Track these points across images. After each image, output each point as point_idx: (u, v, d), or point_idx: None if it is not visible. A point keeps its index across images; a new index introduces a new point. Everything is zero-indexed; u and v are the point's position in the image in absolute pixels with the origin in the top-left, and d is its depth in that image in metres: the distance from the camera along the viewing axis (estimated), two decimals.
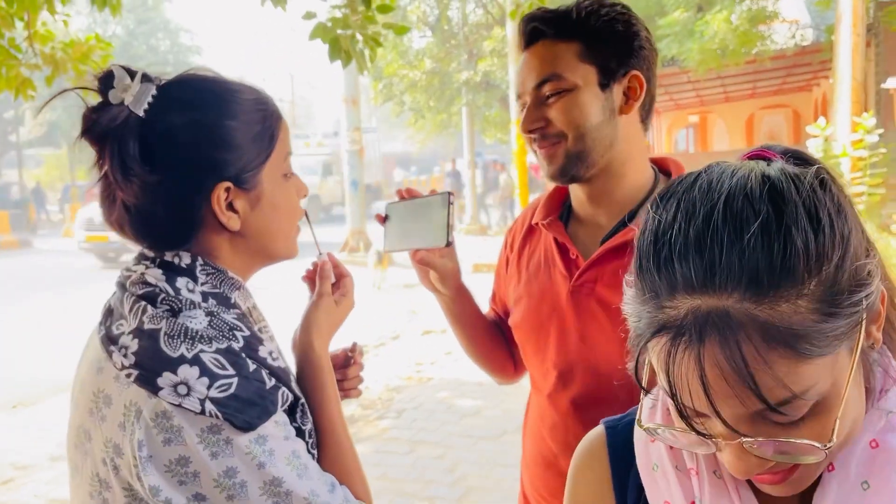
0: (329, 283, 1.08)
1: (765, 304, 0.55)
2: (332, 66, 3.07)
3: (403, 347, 6.94)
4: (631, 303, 0.63)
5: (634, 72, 1.21)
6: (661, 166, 1.30)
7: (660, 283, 0.59)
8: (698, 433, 0.60)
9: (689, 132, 28.72)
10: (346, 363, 1.22)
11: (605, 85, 1.19)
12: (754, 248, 0.56)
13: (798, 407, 0.57)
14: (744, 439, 0.58)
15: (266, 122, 0.96)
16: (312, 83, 49.98)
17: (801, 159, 0.67)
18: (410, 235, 1.24)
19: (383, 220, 1.30)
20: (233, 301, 0.95)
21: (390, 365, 6.33)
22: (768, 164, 0.62)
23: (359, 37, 3.09)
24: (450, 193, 1.19)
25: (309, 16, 3.08)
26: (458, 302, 1.38)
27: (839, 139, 9.08)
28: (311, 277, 1.10)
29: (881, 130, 8.61)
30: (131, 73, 0.90)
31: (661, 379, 0.61)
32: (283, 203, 0.99)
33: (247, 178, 0.94)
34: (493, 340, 1.46)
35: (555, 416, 1.27)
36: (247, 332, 0.91)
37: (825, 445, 0.57)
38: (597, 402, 1.17)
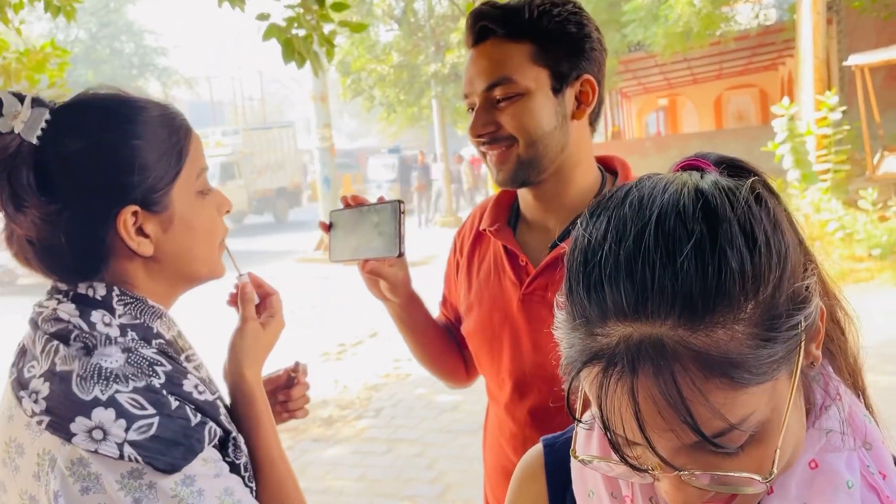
0: (251, 305, 1.02)
1: (700, 330, 0.53)
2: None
3: (381, 345, 6.92)
4: (562, 327, 0.60)
5: (586, 76, 1.17)
6: (608, 165, 1.28)
7: (590, 309, 0.56)
8: (633, 467, 0.58)
9: (658, 115, 28.93)
10: (289, 384, 1.17)
11: (557, 90, 1.16)
12: (687, 271, 0.53)
13: (736, 438, 0.55)
14: (680, 472, 0.56)
15: (173, 139, 0.91)
16: (282, 80, 49.50)
17: (736, 168, 0.64)
18: (359, 245, 1.19)
19: (328, 228, 1.25)
20: (155, 331, 0.90)
21: (368, 363, 6.31)
22: (702, 177, 0.59)
23: (314, 37, 3.05)
24: (399, 202, 1.15)
25: (262, 17, 3.03)
26: (408, 310, 1.36)
27: (804, 118, 9.18)
28: (235, 301, 1.05)
29: (844, 108, 8.73)
30: (21, 99, 0.85)
31: (594, 409, 0.58)
32: (199, 223, 0.93)
33: (155, 200, 0.89)
34: (444, 345, 1.44)
35: (512, 426, 1.26)
36: (168, 367, 0.86)
37: (765, 478, 0.55)
38: (554, 412, 1.14)
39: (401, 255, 1.15)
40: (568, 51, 1.15)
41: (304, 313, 8.63)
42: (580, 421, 0.65)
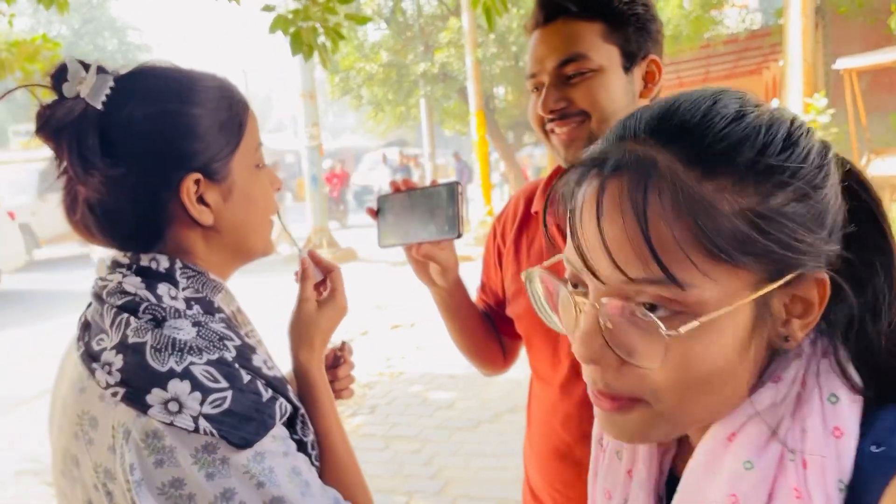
0: (310, 284, 1.02)
1: (694, 172, 0.53)
2: (287, 61, 3.00)
3: (372, 343, 6.90)
4: None
5: (653, 56, 1.21)
6: None
7: (610, 133, 0.60)
8: (573, 286, 0.60)
9: None
10: (335, 363, 1.17)
11: (627, 68, 1.18)
12: (712, 120, 0.55)
13: (668, 291, 0.53)
14: (603, 296, 0.56)
15: (233, 111, 0.92)
16: (267, 79, 49.24)
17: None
18: (412, 229, 1.19)
19: (375, 213, 1.25)
20: (216, 305, 0.90)
21: (360, 361, 6.27)
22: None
23: (320, 29, 3.03)
24: (457, 183, 1.15)
25: (268, 8, 3.00)
26: (455, 295, 1.36)
27: None
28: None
29: (832, 111, 8.83)
30: (86, 66, 0.85)
31: (563, 208, 0.61)
32: (258, 194, 0.94)
33: (217, 169, 0.89)
34: (485, 332, 1.45)
35: (569, 406, 1.25)
36: (238, 342, 0.86)
37: (669, 334, 0.53)
38: None
39: (459, 235, 1.15)
40: (636, 31, 1.18)
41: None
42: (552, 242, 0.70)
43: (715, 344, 0.55)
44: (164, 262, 0.89)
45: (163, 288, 0.86)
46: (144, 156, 0.86)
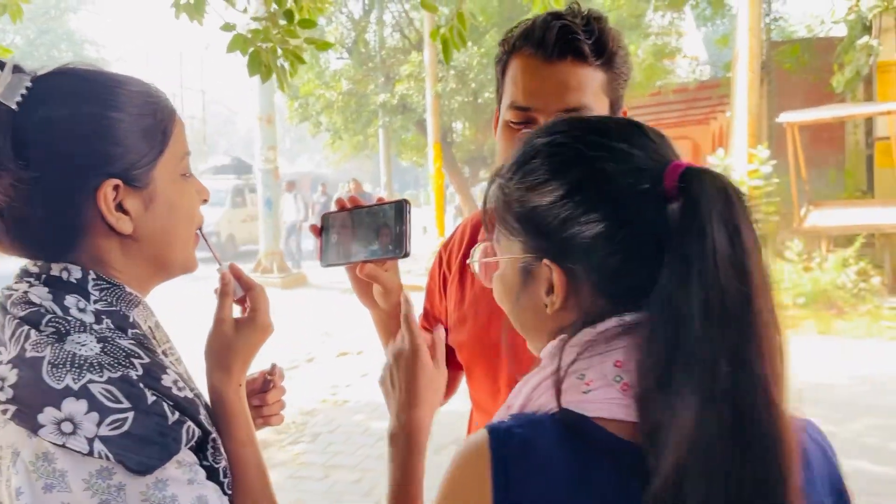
0: (226, 302, 0.95)
1: (502, 190, 0.78)
2: (247, 83, 2.99)
3: (318, 370, 6.80)
4: None
5: (625, 108, 1.21)
6: None
7: None
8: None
9: None
10: (264, 387, 1.11)
11: None
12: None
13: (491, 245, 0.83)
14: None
15: (157, 117, 0.88)
16: (224, 101, 48.83)
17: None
18: (357, 248, 1.14)
19: (319, 231, 1.19)
20: (131, 320, 0.85)
21: (304, 388, 6.18)
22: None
23: (279, 51, 3.04)
24: (405, 201, 1.12)
25: (227, 28, 3.00)
26: (396, 319, 1.33)
27: (737, 169, 9.62)
28: None
29: (774, 162, 9.19)
30: (0, 65, 0.81)
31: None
32: (181, 204, 0.90)
33: (138, 176, 0.85)
34: None
35: None
36: (146, 360, 0.80)
37: (483, 261, 0.88)
38: None
39: (407, 254, 1.11)
40: (622, 84, 1.18)
41: None
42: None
43: (502, 280, 0.80)
44: (76, 273, 0.84)
45: (71, 300, 0.82)
46: (59, 159, 0.81)
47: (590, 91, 1.12)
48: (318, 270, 13.38)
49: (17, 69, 0.82)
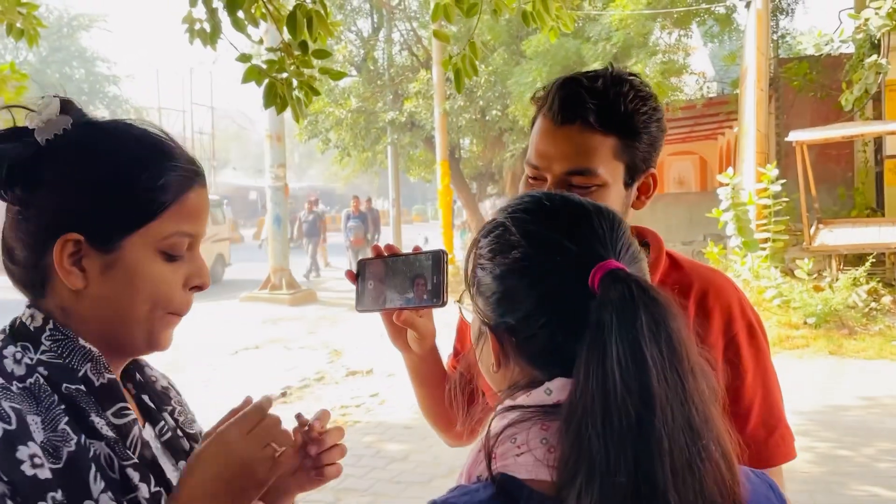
0: (248, 422, 0.86)
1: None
2: (256, 100, 3.02)
3: (328, 390, 6.81)
4: None
5: (653, 170, 1.19)
6: (641, 237, 1.27)
7: None
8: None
9: None
10: (305, 445, 0.99)
11: (628, 184, 1.17)
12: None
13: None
14: None
15: (155, 189, 0.86)
16: (233, 117, 49.19)
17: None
18: (393, 295, 1.17)
19: (355, 277, 1.21)
20: (81, 374, 0.84)
21: (315, 408, 6.17)
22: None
23: (294, 82, 3.08)
24: (443, 251, 1.14)
25: (244, 58, 3.04)
26: (428, 362, 1.34)
27: (745, 188, 9.62)
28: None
29: (783, 181, 9.19)
30: (65, 104, 0.87)
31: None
32: (145, 282, 0.86)
33: (103, 238, 0.84)
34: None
35: None
36: (13, 427, 0.76)
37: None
38: None
39: (444, 303, 1.12)
40: (646, 146, 1.16)
41: (248, 354, 8.44)
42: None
43: (472, 336, 0.86)
44: (37, 320, 0.86)
45: (11, 350, 0.83)
46: (42, 203, 0.85)
47: (596, 156, 1.13)
48: (326, 288, 13.39)
49: (64, 109, 0.87)
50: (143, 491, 0.81)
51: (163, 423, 0.95)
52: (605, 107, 1.12)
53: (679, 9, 12.81)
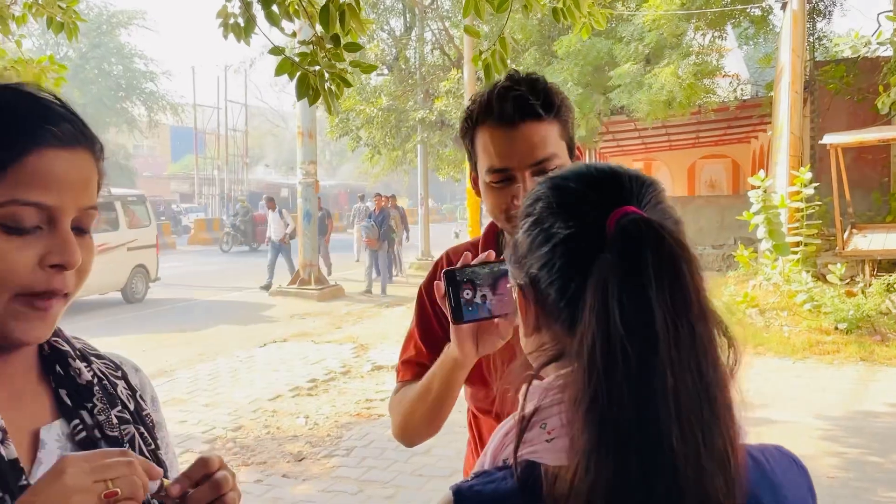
0: (100, 454, 0.72)
1: None
2: (289, 98, 3.08)
3: (353, 383, 6.88)
4: None
5: (578, 143, 1.41)
6: None
7: None
8: None
9: None
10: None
11: (570, 158, 1.37)
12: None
13: None
14: None
15: None
16: (266, 114, 49.73)
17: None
18: (495, 301, 1.16)
19: (444, 289, 1.17)
20: None
21: (339, 401, 6.26)
22: None
23: (326, 74, 3.12)
24: None
25: (277, 51, 3.10)
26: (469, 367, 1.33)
27: (778, 191, 9.49)
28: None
29: (817, 184, 9.05)
30: None
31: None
32: None
33: None
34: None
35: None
36: None
37: None
38: None
39: None
40: (571, 127, 1.38)
41: (276, 347, 8.55)
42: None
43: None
44: None
45: None
46: None
47: (550, 141, 1.31)
48: (353, 284, 13.49)
49: None
50: None
51: (78, 421, 0.84)
52: (544, 100, 1.30)
53: (714, 9, 12.67)
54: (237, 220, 24.08)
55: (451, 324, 1.18)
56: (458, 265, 1.19)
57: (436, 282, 1.22)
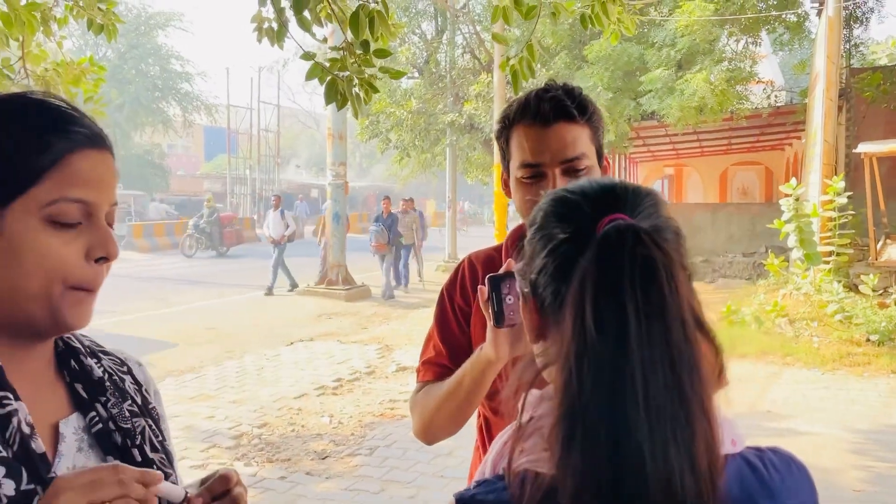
0: (98, 471, 0.72)
1: None
2: (321, 100, 3.14)
3: (377, 383, 6.94)
4: None
5: (606, 153, 1.49)
6: None
7: None
8: None
9: (664, 183, 29.30)
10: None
11: (599, 164, 1.45)
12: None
13: None
14: None
15: (33, 154, 0.79)
16: (297, 115, 50.24)
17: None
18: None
19: (488, 294, 1.19)
20: None
21: (364, 400, 6.32)
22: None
23: (355, 80, 3.18)
24: None
25: (307, 56, 3.16)
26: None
27: (810, 199, 9.36)
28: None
29: (850, 193, 8.90)
30: None
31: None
32: (30, 252, 0.78)
33: None
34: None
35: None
36: None
37: None
38: None
39: None
40: (602, 135, 1.46)
41: (302, 345, 8.66)
42: None
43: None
44: None
45: None
46: None
47: (581, 143, 1.39)
48: (380, 284, 13.58)
49: None
50: (7, 488, 0.73)
51: (94, 413, 0.88)
52: (578, 104, 1.39)
53: (748, 15, 12.53)
54: (201, 222, 20.78)
55: (492, 327, 1.20)
56: (502, 271, 1.20)
57: (479, 286, 1.22)
